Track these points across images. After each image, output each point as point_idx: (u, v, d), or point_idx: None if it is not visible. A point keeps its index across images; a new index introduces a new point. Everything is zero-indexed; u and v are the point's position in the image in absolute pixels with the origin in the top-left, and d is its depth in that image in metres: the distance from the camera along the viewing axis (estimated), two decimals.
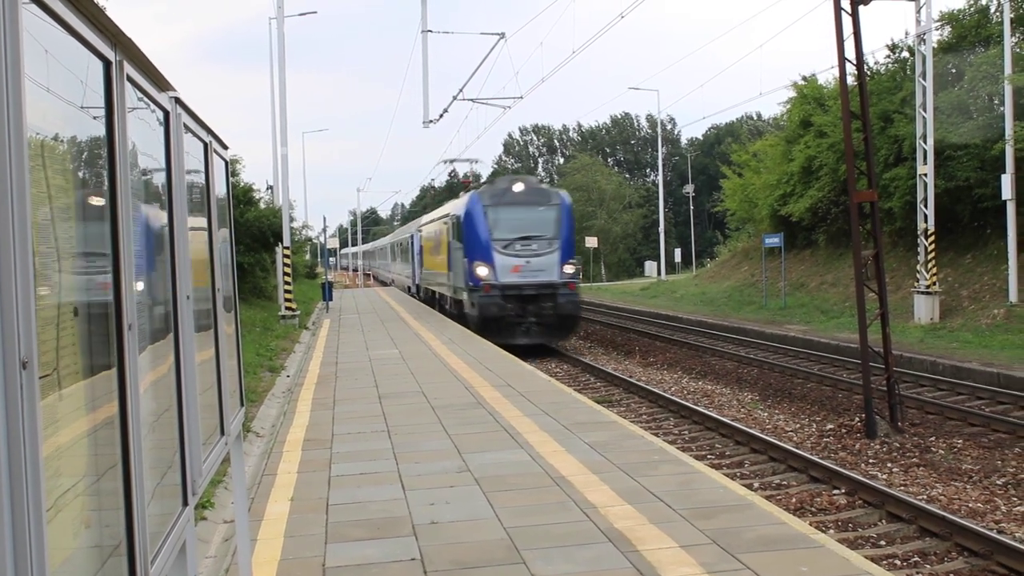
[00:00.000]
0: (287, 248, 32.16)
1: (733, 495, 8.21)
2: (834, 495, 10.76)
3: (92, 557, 2.68)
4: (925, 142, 26.53)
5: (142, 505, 2.93)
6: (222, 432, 5.11)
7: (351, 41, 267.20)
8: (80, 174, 2.76)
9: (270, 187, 44.34)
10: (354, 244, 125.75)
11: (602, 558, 6.71)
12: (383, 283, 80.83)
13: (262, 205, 38.85)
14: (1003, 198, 24.93)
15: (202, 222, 4.96)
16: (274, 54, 33.98)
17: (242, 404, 6.13)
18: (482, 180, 53.61)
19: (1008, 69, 25.05)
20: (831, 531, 9.41)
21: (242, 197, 35.62)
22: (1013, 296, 24.78)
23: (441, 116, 36.89)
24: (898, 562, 8.67)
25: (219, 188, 5.55)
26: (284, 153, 34.08)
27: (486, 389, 14.91)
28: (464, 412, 12.93)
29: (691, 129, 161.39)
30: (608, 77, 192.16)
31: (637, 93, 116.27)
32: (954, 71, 31.40)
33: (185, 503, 3.92)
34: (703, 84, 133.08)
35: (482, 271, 26.71)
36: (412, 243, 47.31)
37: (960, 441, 13.48)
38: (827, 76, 42.72)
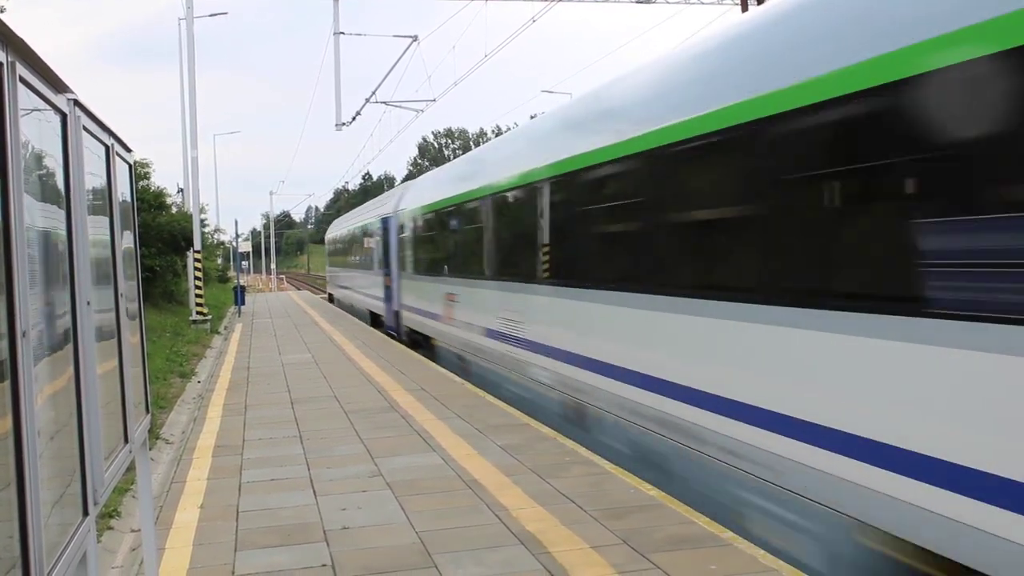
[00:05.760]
0: (198, 252, 31.67)
1: (644, 495, 8.30)
2: None
3: None
4: None
5: (37, 516, 2.86)
6: (126, 440, 5.02)
7: (263, 42, 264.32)
8: None
9: (180, 190, 43.63)
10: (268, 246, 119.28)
11: (513, 560, 6.73)
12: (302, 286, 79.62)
13: (174, 210, 38.18)
14: None
15: (104, 226, 4.87)
16: (183, 55, 33.44)
17: (148, 411, 6.03)
18: (396, 182, 53.40)
19: None
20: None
21: (153, 202, 34.96)
22: None
23: (354, 119, 36.58)
24: None
25: (122, 191, 5.45)
26: (195, 156, 33.45)
27: (399, 393, 14.85)
28: (377, 416, 12.87)
29: None
30: (522, 80, 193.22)
31: (551, 96, 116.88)
32: None
33: (86, 513, 3.84)
34: None
35: None
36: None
37: None
38: None
